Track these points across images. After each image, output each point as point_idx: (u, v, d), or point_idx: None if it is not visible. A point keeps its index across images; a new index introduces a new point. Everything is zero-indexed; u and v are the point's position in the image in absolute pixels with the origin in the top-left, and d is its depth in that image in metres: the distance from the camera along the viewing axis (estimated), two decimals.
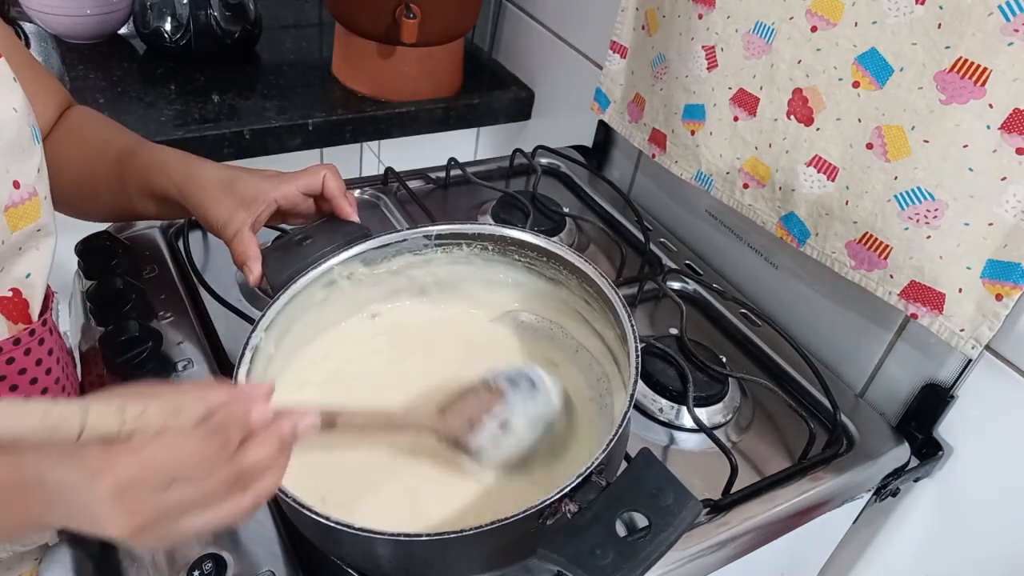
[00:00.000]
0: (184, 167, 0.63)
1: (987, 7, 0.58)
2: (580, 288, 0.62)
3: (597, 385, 0.62)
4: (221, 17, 1.13)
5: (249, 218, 0.61)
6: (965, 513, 0.74)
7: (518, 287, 0.66)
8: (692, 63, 0.82)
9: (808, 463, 0.68)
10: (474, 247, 0.65)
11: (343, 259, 0.61)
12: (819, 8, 0.70)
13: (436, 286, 0.67)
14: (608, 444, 0.47)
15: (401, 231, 0.63)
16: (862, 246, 0.71)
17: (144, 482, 0.39)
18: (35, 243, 0.55)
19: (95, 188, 0.67)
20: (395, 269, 0.65)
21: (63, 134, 0.68)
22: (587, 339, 0.64)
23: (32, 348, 0.56)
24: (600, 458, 0.46)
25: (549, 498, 0.45)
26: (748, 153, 0.80)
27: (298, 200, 0.64)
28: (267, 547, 0.54)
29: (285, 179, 0.63)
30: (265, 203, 0.61)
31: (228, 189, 0.61)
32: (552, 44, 1.19)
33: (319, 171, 0.64)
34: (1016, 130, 0.59)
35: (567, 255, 0.61)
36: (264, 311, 0.57)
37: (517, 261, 0.65)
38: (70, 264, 0.76)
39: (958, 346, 0.67)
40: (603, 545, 0.43)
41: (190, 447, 0.40)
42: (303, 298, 0.60)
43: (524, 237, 0.63)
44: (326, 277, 0.61)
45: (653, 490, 0.45)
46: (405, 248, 0.64)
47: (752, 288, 0.90)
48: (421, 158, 1.04)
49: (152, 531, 0.40)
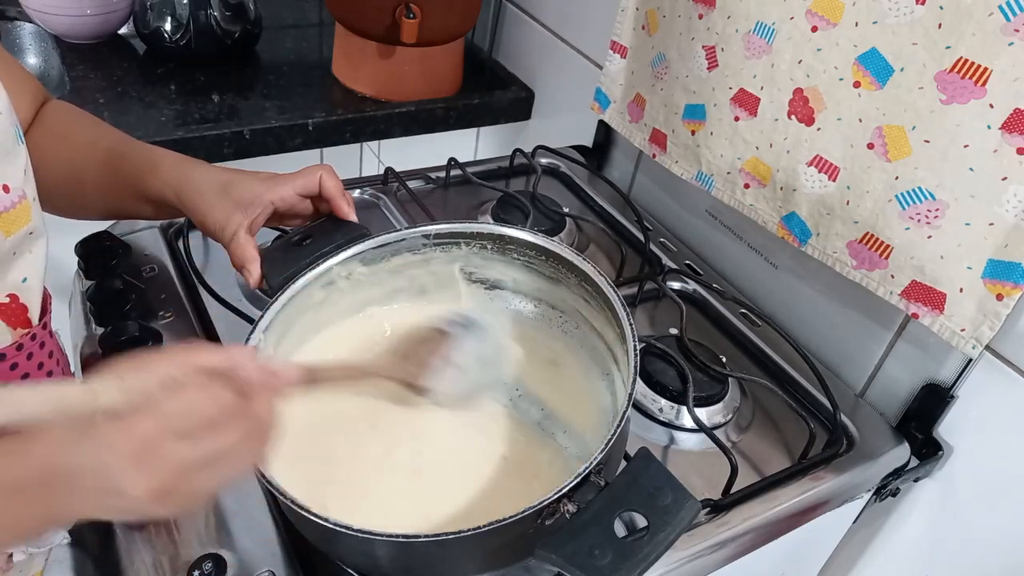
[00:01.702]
0: (179, 171, 0.63)
1: (987, 7, 0.58)
2: (579, 287, 0.62)
3: (599, 382, 0.62)
4: (221, 17, 1.13)
5: (246, 221, 0.60)
6: (965, 513, 0.74)
7: (517, 285, 0.66)
8: (692, 63, 0.82)
9: (808, 463, 0.68)
10: (473, 246, 0.65)
11: (342, 259, 0.61)
12: (819, 8, 0.70)
13: (436, 286, 0.67)
14: (606, 444, 0.47)
15: (400, 230, 0.63)
16: (863, 246, 0.71)
17: (163, 437, 0.39)
18: (28, 247, 0.55)
19: (82, 188, 0.66)
20: (394, 269, 0.65)
21: (45, 132, 0.66)
22: (587, 337, 0.64)
23: (34, 352, 0.56)
24: (598, 458, 0.46)
25: (548, 498, 0.45)
26: (749, 153, 0.80)
27: (295, 202, 0.63)
28: (267, 547, 0.54)
29: (280, 181, 0.63)
30: (261, 206, 0.61)
31: (224, 193, 0.61)
32: (552, 44, 1.19)
33: (315, 172, 0.63)
34: (1016, 130, 0.59)
35: (566, 254, 0.61)
36: (263, 312, 0.56)
37: (516, 260, 0.65)
38: (70, 264, 0.76)
39: (959, 346, 0.67)
40: (601, 545, 0.43)
41: (205, 400, 0.41)
42: (302, 299, 0.60)
43: (523, 236, 0.63)
44: (325, 277, 0.61)
45: (651, 490, 0.45)
46: (404, 247, 0.64)
47: (752, 288, 0.90)
48: (421, 158, 1.04)
49: (175, 490, 0.40)
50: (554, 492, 0.45)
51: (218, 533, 0.54)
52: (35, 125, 0.66)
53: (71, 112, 0.69)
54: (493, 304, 0.67)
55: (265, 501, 0.57)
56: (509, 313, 0.67)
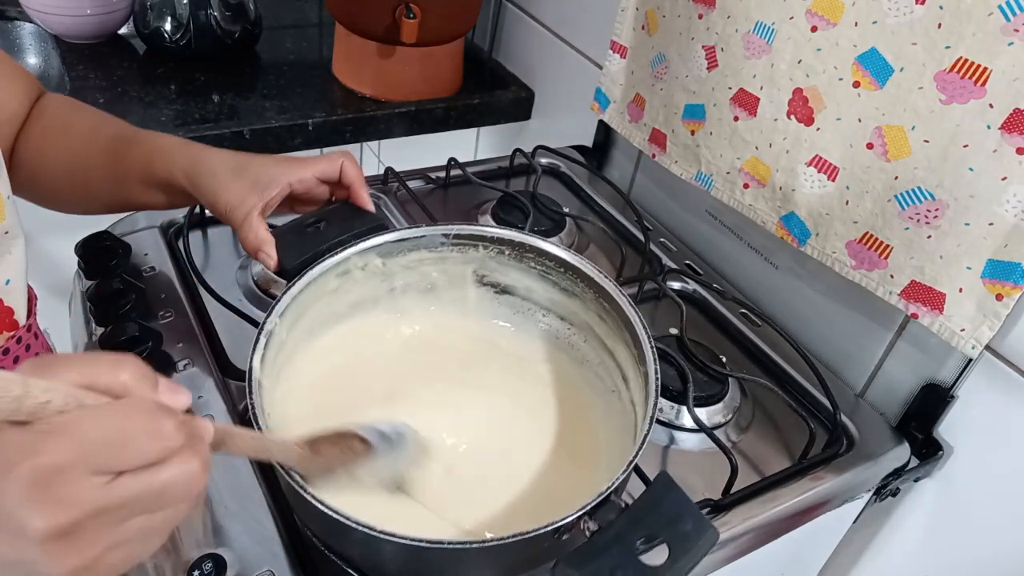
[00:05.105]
0: (190, 152, 0.61)
1: (987, 7, 0.58)
2: (596, 303, 0.61)
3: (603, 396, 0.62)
4: (221, 17, 1.13)
5: (260, 202, 0.59)
6: (965, 513, 0.74)
7: (529, 293, 0.66)
8: (692, 63, 0.82)
9: (808, 463, 0.68)
10: (491, 250, 0.64)
11: (360, 249, 0.60)
12: (819, 8, 0.70)
13: (447, 284, 0.66)
14: (628, 466, 0.47)
15: (420, 227, 0.63)
16: (862, 246, 0.71)
17: (80, 467, 0.30)
18: (7, 248, 0.53)
19: (87, 179, 0.65)
20: (408, 264, 0.64)
21: (43, 125, 0.65)
22: (595, 352, 0.63)
23: (20, 356, 0.55)
24: (620, 479, 0.46)
25: (569, 515, 0.44)
26: (748, 153, 0.80)
27: (312, 185, 0.62)
28: (267, 547, 0.54)
29: (300, 164, 0.61)
30: (279, 187, 0.60)
31: (239, 173, 0.59)
32: (552, 44, 1.19)
33: (337, 158, 0.62)
34: (1016, 130, 0.59)
35: (588, 270, 0.61)
36: (280, 296, 0.55)
37: (532, 268, 0.64)
38: (70, 264, 0.76)
39: (958, 346, 0.67)
40: (623, 567, 0.43)
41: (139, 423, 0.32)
42: (318, 285, 0.59)
43: (545, 247, 0.62)
44: (342, 266, 0.60)
45: (672, 516, 0.45)
46: (422, 244, 0.63)
47: (752, 288, 0.90)
48: (421, 158, 1.04)
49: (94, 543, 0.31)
50: (576, 511, 0.45)
51: (218, 533, 0.54)
52: (33, 119, 0.65)
53: (70, 103, 0.68)
54: (500, 308, 0.67)
55: (265, 501, 0.57)
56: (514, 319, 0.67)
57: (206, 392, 0.64)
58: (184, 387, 0.37)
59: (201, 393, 0.64)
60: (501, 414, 0.61)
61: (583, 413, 0.62)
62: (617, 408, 0.60)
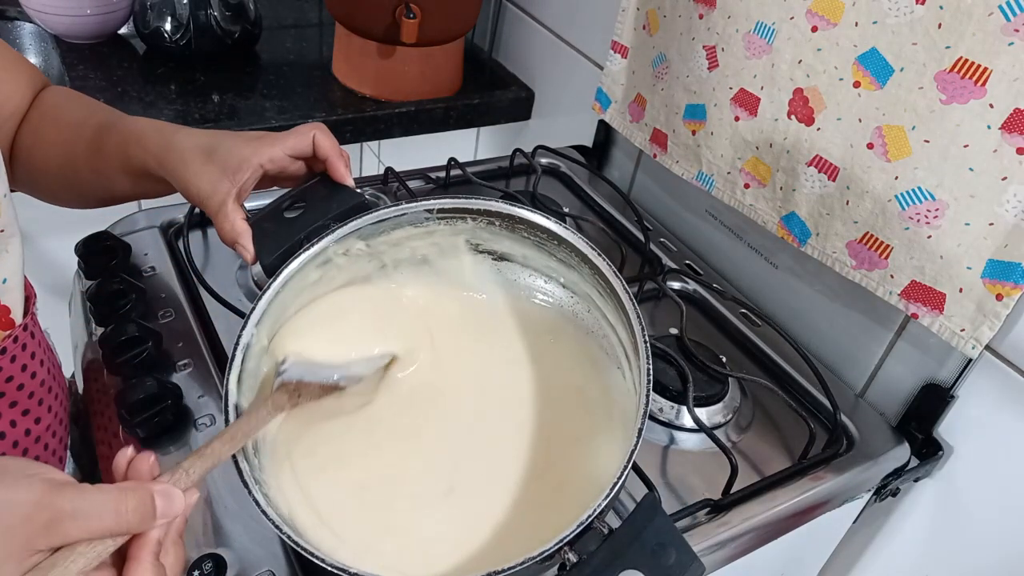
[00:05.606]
0: (161, 137, 0.58)
1: (987, 7, 0.58)
2: (592, 278, 0.58)
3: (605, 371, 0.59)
4: (221, 17, 1.13)
5: (233, 188, 0.56)
6: (965, 513, 0.74)
7: (527, 261, 0.63)
8: (693, 63, 0.82)
9: (808, 463, 0.68)
10: (480, 221, 0.61)
11: (339, 237, 0.56)
12: (819, 8, 0.70)
13: (440, 255, 0.63)
14: (610, 491, 0.45)
15: (400, 204, 0.58)
16: (863, 246, 0.71)
17: None
18: (3, 246, 0.52)
19: (75, 171, 0.63)
20: (395, 241, 0.60)
21: (39, 118, 0.64)
22: (597, 325, 0.61)
23: (17, 355, 0.54)
24: (602, 505, 0.44)
25: (548, 548, 0.43)
26: (749, 153, 0.80)
27: (286, 163, 0.58)
28: (267, 547, 0.54)
29: (269, 141, 0.58)
30: (250, 169, 0.56)
31: (209, 158, 0.56)
32: (552, 44, 1.19)
33: (308, 131, 0.58)
34: (1016, 130, 0.59)
35: (579, 244, 0.57)
36: (253, 305, 0.52)
37: (526, 239, 0.60)
38: (70, 264, 0.76)
39: (958, 346, 0.67)
40: None
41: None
42: (296, 282, 0.56)
43: (535, 218, 0.58)
44: (321, 257, 0.57)
45: (655, 546, 0.43)
46: (405, 221, 0.59)
47: (752, 288, 0.90)
48: (421, 158, 1.04)
49: None
50: (555, 541, 0.43)
51: (218, 533, 0.54)
52: (31, 111, 0.64)
53: (65, 95, 0.66)
54: (500, 275, 0.64)
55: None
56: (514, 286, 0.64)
57: (206, 392, 0.64)
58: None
59: (201, 393, 0.64)
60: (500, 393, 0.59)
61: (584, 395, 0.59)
62: (621, 388, 0.57)
